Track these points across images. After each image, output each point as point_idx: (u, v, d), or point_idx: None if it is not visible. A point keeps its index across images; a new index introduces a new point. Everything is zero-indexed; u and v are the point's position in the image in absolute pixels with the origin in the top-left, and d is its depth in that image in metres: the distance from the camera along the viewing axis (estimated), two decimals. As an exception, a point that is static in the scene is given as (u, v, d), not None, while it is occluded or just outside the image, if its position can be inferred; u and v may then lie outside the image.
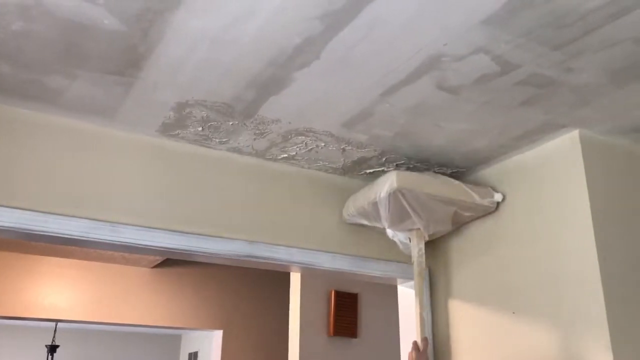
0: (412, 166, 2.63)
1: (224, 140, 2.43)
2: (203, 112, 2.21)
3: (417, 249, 2.56)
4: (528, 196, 2.44)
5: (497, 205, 2.55)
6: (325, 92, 2.06)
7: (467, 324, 2.61)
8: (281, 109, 2.18)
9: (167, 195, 2.38)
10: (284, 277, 4.52)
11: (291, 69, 1.92)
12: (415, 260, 2.55)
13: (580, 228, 2.20)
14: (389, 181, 2.38)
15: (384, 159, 2.59)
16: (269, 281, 5.83)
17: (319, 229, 2.65)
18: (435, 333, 2.73)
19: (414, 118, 2.23)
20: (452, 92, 2.04)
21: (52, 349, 6.34)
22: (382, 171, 2.68)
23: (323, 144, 2.46)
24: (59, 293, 5.15)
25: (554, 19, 1.64)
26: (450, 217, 2.52)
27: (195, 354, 8.23)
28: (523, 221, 2.44)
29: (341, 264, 2.64)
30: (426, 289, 2.75)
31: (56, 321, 5.62)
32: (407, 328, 2.83)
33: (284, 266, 2.65)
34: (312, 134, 2.37)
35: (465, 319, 2.63)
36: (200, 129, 2.33)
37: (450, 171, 2.69)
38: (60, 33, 1.74)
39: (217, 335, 5.81)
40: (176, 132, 2.37)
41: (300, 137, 2.40)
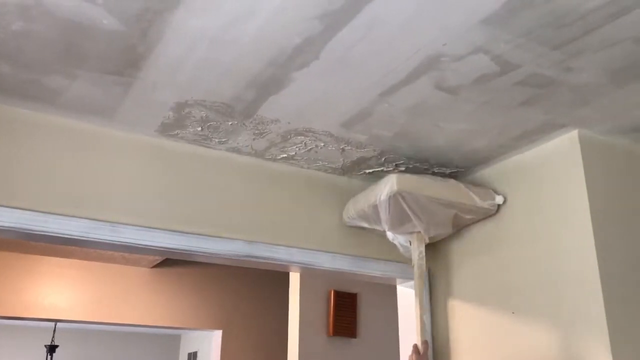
0: (411, 166, 2.63)
1: (223, 140, 2.43)
2: (202, 112, 2.21)
3: (417, 252, 2.55)
4: (528, 196, 2.44)
5: (498, 208, 2.54)
6: (324, 92, 2.06)
7: (467, 324, 2.61)
8: (280, 109, 2.18)
9: (167, 195, 2.38)
10: (284, 277, 4.52)
11: (291, 69, 1.92)
12: (416, 263, 2.54)
13: (579, 228, 2.20)
14: (389, 184, 2.38)
15: (383, 159, 2.59)
16: (269, 281, 5.83)
17: (319, 229, 2.65)
18: (435, 334, 2.72)
19: (413, 118, 2.23)
20: (452, 92, 2.04)
21: (52, 349, 6.33)
22: (382, 171, 2.68)
23: (322, 144, 2.46)
24: (58, 293, 5.15)
25: (553, 18, 1.64)
26: (451, 219, 2.52)
27: (195, 354, 8.23)
28: (523, 221, 2.44)
29: (341, 264, 2.64)
30: (426, 291, 2.75)
31: (56, 321, 5.62)
32: (407, 328, 2.83)
33: (283, 266, 2.65)
34: (312, 134, 2.37)
35: (465, 320, 2.62)
36: (200, 129, 2.33)
37: (449, 171, 2.69)
38: (60, 33, 1.74)
39: (217, 335, 5.80)
40: (175, 132, 2.37)
41: (299, 137, 2.40)
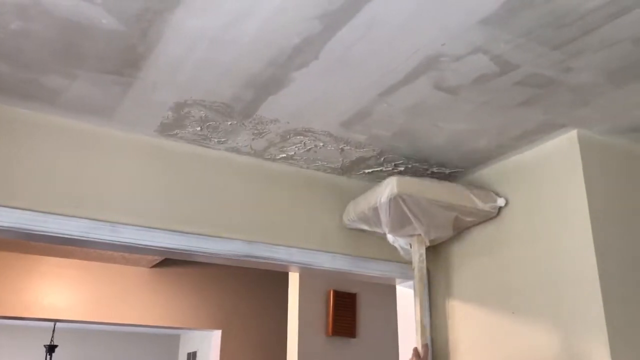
0: (410, 166, 2.63)
1: (222, 140, 2.43)
2: (201, 112, 2.21)
3: (418, 255, 2.55)
4: (527, 196, 2.44)
5: (499, 210, 2.52)
6: (323, 92, 2.06)
7: (467, 325, 2.61)
8: (280, 109, 2.18)
9: (166, 195, 2.38)
10: (283, 277, 4.52)
11: (290, 69, 1.92)
12: (416, 266, 2.54)
13: (578, 228, 2.20)
14: (389, 186, 2.37)
15: (383, 159, 2.59)
16: (268, 281, 5.83)
17: (318, 229, 2.65)
18: (434, 336, 2.71)
19: (412, 118, 2.22)
20: (451, 92, 2.04)
21: (51, 348, 6.33)
22: (381, 171, 2.68)
23: (322, 144, 2.46)
24: (58, 293, 5.15)
25: (553, 18, 1.64)
26: (451, 222, 2.51)
27: (194, 353, 8.23)
28: (522, 222, 2.44)
29: (340, 264, 2.64)
30: (426, 293, 2.74)
31: (55, 321, 5.61)
32: (406, 328, 2.83)
33: (283, 266, 2.65)
34: (311, 133, 2.37)
35: (465, 320, 2.62)
36: (199, 128, 2.33)
37: (448, 171, 2.69)
38: (59, 33, 1.74)
39: (216, 335, 5.80)
40: (175, 132, 2.37)
41: (298, 137, 2.40)
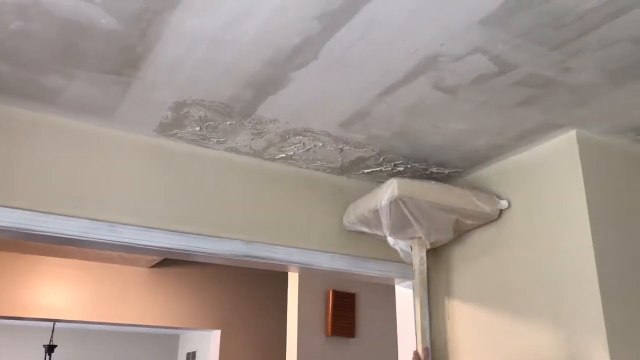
0: (409, 166, 2.63)
1: (221, 140, 2.43)
2: (201, 112, 2.21)
3: (418, 258, 2.55)
4: (527, 197, 2.44)
5: (500, 213, 2.51)
6: (323, 92, 2.06)
7: (467, 325, 2.61)
8: (279, 109, 2.18)
9: (165, 195, 2.38)
10: (282, 277, 4.52)
11: (289, 69, 1.92)
12: (417, 269, 2.54)
13: (577, 228, 2.20)
14: (390, 189, 2.37)
15: (382, 159, 2.59)
16: (267, 281, 5.83)
17: (317, 229, 2.65)
18: (434, 337, 2.71)
19: (411, 118, 2.23)
20: (450, 92, 2.04)
21: (50, 348, 6.33)
22: (380, 171, 2.68)
23: (321, 144, 2.46)
24: (57, 293, 5.15)
25: (552, 18, 1.64)
26: (452, 225, 2.50)
27: (194, 353, 8.23)
28: (522, 222, 2.44)
29: (340, 264, 2.64)
30: (426, 295, 2.74)
31: (54, 321, 5.61)
32: (405, 327, 2.83)
33: (282, 266, 2.65)
34: (310, 133, 2.37)
35: (465, 321, 2.62)
36: (198, 128, 2.33)
37: (448, 171, 2.69)
38: (58, 32, 1.74)
39: (215, 335, 5.81)
40: (174, 131, 2.37)
41: (298, 137, 2.40)
